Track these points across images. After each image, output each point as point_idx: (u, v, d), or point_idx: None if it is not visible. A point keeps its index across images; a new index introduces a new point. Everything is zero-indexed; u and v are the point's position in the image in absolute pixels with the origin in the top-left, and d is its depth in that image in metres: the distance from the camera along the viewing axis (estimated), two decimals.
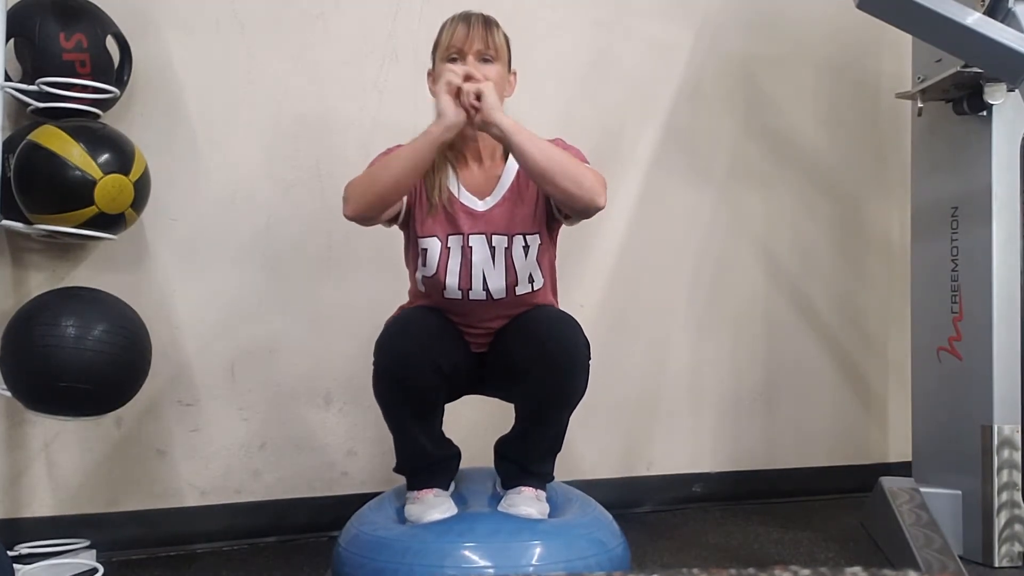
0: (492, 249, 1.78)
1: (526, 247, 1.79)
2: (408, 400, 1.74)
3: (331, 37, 2.38)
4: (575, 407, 1.78)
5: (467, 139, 1.79)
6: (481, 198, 1.79)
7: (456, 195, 1.79)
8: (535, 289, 1.82)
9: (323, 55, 2.37)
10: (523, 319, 1.80)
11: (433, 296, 1.82)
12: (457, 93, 1.64)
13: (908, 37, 2.28)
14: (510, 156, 1.78)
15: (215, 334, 2.26)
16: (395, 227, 1.85)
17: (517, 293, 1.80)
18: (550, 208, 1.80)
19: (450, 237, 1.78)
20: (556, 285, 1.93)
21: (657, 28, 2.76)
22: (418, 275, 1.82)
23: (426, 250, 1.78)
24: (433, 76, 1.81)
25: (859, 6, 1.90)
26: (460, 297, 1.79)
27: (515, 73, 1.85)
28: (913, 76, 2.30)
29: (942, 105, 2.23)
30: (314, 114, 2.35)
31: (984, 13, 1.88)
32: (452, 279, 1.77)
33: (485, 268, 1.77)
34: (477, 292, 1.78)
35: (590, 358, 1.74)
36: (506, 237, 1.78)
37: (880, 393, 3.02)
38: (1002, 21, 1.88)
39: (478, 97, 1.63)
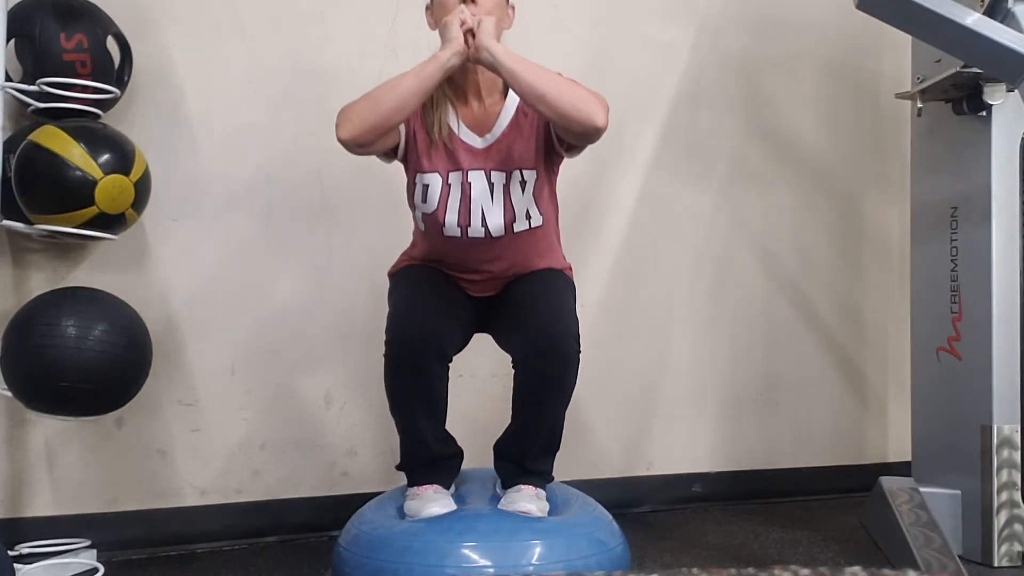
0: (491, 185, 1.79)
1: (523, 182, 1.80)
2: (414, 385, 1.76)
3: (331, 37, 2.38)
4: (566, 399, 1.79)
5: (467, 75, 1.79)
6: (480, 135, 1.81)
7: (456, 132, 1.80)
8: (533, 226, 1.83)
9: (323, 55, 2.38)
10: (518, 297, 1.81)
11: (433, 237, 1.84)
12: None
13: (908, 37, 2.28)
14: (509, 93, 1.81)
15: (215, 334, 2.27)
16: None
17: (515, 230, 1.81)
18: (550, 143, 1.81)
19: (450, 173, 1.79)
20: (558, 225, 1.93)
21: (657, 28, 2.76)
22: (418, 213, 1.84)
23: (427, 186, 1.79)
24: (431, 9, 1.83)
25: (859, 6, 1.91)
26: (459, 235, 1.80)
27: (513, 7, 1.85)
28: (912, 76, 2.30)
29: (941, 105, 2.23)
30: (314, 114, 2.35)
31: (983, 13, 1.88)
32: (451, 216, 1.79)
33: (484, 204, 1.79)
34: (476, 229, 1.79)
35: (579, 351, 1.75)
36: (504, 173, 1.79)
37: (879, 393, 3.03)
38: (1001, 21, 1.88)
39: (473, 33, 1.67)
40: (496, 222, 1.80)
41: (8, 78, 1.93)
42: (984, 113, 2.13)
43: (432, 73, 1.67)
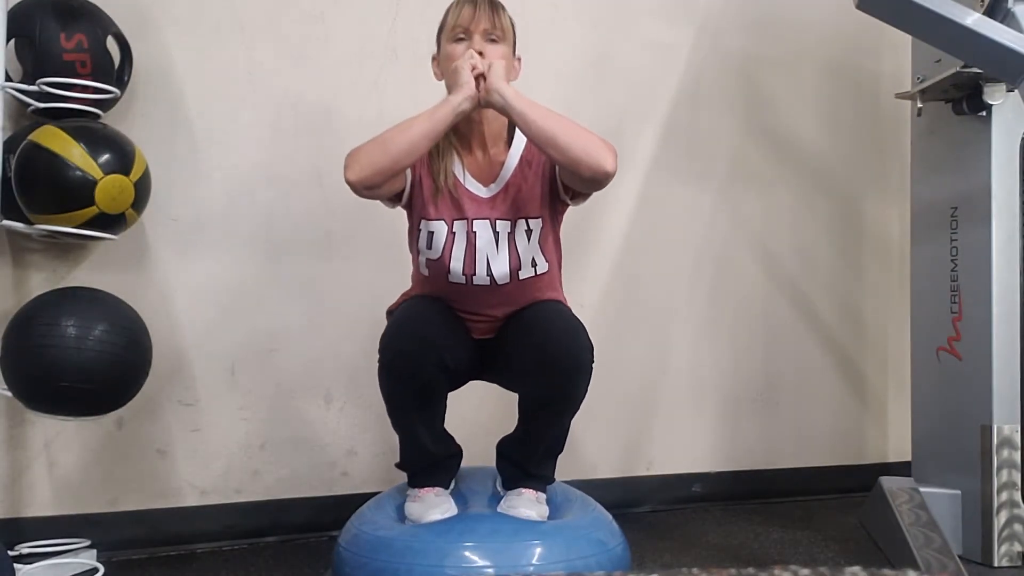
0: (496, 234, 1.78)
1: (529, 231, 1.79)
2: (412, 395, 1.75)
3: (331, 37, 2.38)
4: (576, 410, 1.78)
5: (472, 124, 1.78)
6: (485, 185, 1.80)
7: (461, 181, 1.79)
8: (538, 273, 1.82)
9: (323, 55, 2.38)
10: (526, 318, 1.80)
11: (437, 281, 1.82)
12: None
13: (908, 37, 2.28)
14: (513, 142, 1.80)
15: (215, 334, 2.27)
16: (393, 214, 1.85)
17: (520, 277, 1.80)
18: (555, 191, 1.81)
19: (455, 222, 1.78)
20: (561, 271, 1.92)
21: (657, 28, 2.76)
22: (422, 258, 1.83)
23: (432, 233, 1.78)
24: (438, 60, 1.82)
25: (859, 6, 1.91)
26: (464, 282, 1.79)
27: (520, 59, 1.85)
28: (913, 76, 2.30)
29: (941, 105, 2.24)
30: (314, 114, 2.36)
31: (983, 13, 1.88)
32: (456, 264, 1.78)
33: (489, 253, 1.78)
34: (481, 277, 1.78)
35: (593, 362, 1.74)
36: (509, 222, 1.79)
37: (879, 393, 3.03)
38: (1001, 21, 1.88)
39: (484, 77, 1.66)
40: (501, 270, 1.79)
41: (8, 78, 1.93)
42: (984, 113, 2.13)
43: (444, 116, 1.66)
